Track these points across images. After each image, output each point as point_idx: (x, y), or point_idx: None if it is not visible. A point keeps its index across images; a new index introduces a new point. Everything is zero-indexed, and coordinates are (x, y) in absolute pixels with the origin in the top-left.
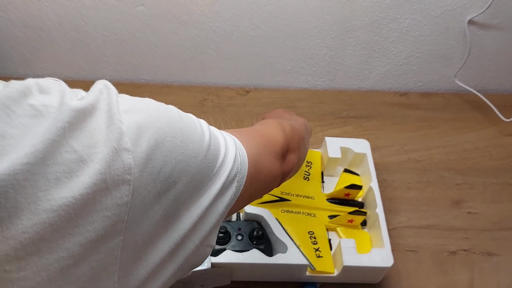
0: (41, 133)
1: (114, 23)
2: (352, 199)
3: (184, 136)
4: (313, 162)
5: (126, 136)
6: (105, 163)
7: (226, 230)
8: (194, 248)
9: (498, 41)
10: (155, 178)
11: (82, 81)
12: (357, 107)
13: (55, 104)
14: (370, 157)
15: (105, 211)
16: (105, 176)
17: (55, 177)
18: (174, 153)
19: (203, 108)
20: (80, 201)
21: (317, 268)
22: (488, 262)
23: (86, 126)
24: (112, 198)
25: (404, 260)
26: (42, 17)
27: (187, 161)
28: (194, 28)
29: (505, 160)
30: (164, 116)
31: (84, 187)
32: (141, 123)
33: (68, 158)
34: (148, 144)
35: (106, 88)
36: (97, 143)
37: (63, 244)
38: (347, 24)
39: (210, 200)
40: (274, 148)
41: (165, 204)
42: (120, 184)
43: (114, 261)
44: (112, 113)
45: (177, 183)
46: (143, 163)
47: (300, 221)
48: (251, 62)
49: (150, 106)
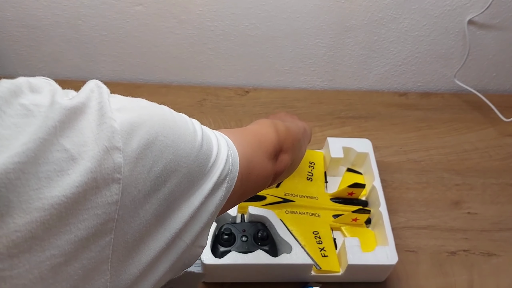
0: (33, 132)
1: (112, 22)
2: (356, 198)
3: (176, 135)
4: (316, 162)
5: (118, 134)
6: (96, 161)
7: (231, 232)
8: (185, 248)
9: (498, 41)
10: (145, 177)
11: (81, 81)
12: (356, 107)
13: (46, 103)
14: (373, 156)
15: (96, 210)
16: (96, 175)
17: (47, 176)
18: (165, 152)
19: (202, 108)
20: (71, 199)
21: (322, 268)
22: (488, 263)
23: (77, 125)
24: (102, 196)
25: (403, 261)
26: (40, 16)
27: (178, 161)
28: (192, 28)
29: (504, 160)
30: (156, 115)
31: (75, 185)
32: (134, 121)
33: (59, 157)
34: (139, 143)
35: (97, 87)
36: (87, 142)
37: (54, 242)
38: (346, 24)
39: (201, 199)
40: (266, 148)
41: (155, 203)
42: (110, 183)
43: (106, 259)
44: (103, 111)
45: (168, 182)
46: (133, 162)
47: (304, 221)
48: (249, 62)
49: (142, 105)
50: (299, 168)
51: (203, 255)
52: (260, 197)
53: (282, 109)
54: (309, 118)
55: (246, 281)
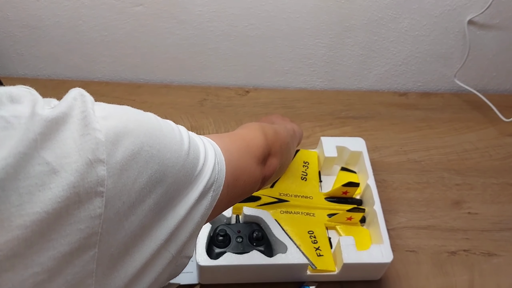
0: (13, 146)
1: (112, 22)
2: (350, 197)
3: (161, 145)
4: (310, 162)
5: (102, 146)
6: (78, 175)
7: (226, 233)
8: (171, 259)
9: (498, 41)
10: (130, 189)
11: (81, 81)
12: (356, 107)
13: (26, 114)
14: (366, 155)
15: (78, 224)
16: (79, 189)
17: (28, 191)
18: (150, 163)
19: (202, 108)
20: (53, 215)
21: (318, 267)
22: (488, 263)
23: (59, 136)
24: (85, 210)
25: (403, 261)
26: (41, 16)
27: (164, 171)
28: (192, 28)
29: (505, 160)
30: (142, 124)
31: (57, 200)
32: (119, 131)
33: (41, 170)
34: (124, 154)
35: (80, 95)
36: (70, 153)
37: (37, 259)
38: (346, 24)
39: (187, 209)
40: (254, 153)
41: (141, 214)
42: (93, 197)
43: (90, 274)
44: (87, 121)
45: (153, 193)
46: (117, 174)
47: (299, 221)
48: (249, 62)
49: (128, 113)
50: (293, 168)
51: (198, 256)
52: (255, 197)
53: (282, 109)
54: (309, 118)
55: (242, 282)
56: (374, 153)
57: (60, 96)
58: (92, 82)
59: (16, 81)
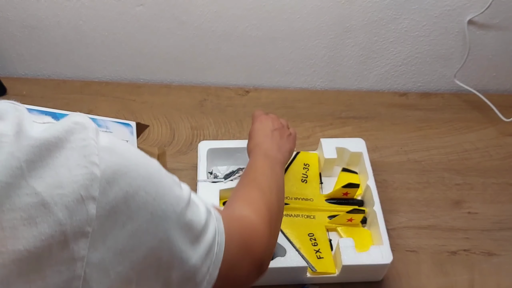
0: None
1: (113, 23)
2: (351, 198)
3: (159, 194)
4: (310, 164)
5: (97, 183)
6: (67, 212)
7: None
8: None
9: (498, 41)
10: (117, 234)
11: (81, 81)
12: (356, 107)
13: (10, 132)
14: (366, 156)
15: (59, 266)
16: (65, 228)
17: (11, 225)
18: (142, 210)
19: (202, 109)
20: (35, 254)
21: (318, 269)
22: (488, 263)
23: (52, 163)
24: (68, 251)
25: (404, 261)
26: (41, 16)
27: (157, 223)
28: (193, 29)
29: (505, 160)
30: (144, 167)
31: (41, 238)
32: (118, 169)
33: (28, 202)
34: (117, 195)
35: (83, 121)
36: (63, 183)
37: None
38: (346, 24)
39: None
40: (253, 257)
41: (128, 266)
42: (79, 237)
43: None
44: (87, 152)
45: (143, 245)
46: (105, 216)
47: (299, 223)
48: (250, 63)
49: (131, 151)
50: (293, 170)
51: None
52: None
53: (283, 110)
54: (309, 118)
55: None
56: (375, 153)
57: (60, 96)
58: (92, 82)
59: (16, 81)
